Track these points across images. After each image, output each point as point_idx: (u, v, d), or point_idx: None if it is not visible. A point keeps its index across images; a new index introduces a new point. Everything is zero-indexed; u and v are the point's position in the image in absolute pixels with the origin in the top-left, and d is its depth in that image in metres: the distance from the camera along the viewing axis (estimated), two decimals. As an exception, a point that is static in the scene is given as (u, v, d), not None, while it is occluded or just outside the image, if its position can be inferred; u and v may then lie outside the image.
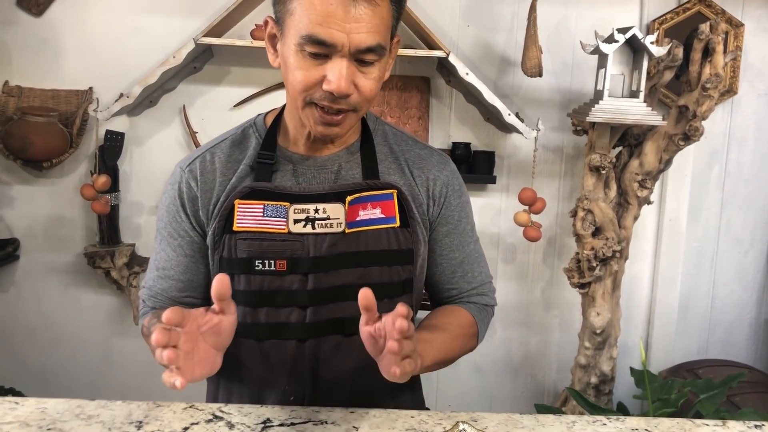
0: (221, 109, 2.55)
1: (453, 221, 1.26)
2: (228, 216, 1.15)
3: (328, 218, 1.15)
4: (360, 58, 1.06)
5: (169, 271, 1.21)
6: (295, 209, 1.14)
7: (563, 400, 2.53)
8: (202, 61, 2.51)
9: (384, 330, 0.94)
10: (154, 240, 1.25)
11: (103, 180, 2.35)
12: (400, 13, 1.13)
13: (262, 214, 1.14)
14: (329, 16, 1.01)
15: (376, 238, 1.16)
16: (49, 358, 2.63)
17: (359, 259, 1.15)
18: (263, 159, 1.18)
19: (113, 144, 2.45)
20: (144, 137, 2.55)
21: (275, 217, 1.14)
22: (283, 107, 1.23)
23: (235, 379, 1.24)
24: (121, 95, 2.37)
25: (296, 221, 1.14)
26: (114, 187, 2.44)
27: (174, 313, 0.87)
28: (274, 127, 1.22)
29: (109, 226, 2.49)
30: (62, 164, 2.47)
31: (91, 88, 2.48)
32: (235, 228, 1.14)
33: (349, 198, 1.16)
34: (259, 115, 1.27)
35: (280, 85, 2.53)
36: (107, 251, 2.46)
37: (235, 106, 2.54)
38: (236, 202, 1.15)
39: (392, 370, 0.92)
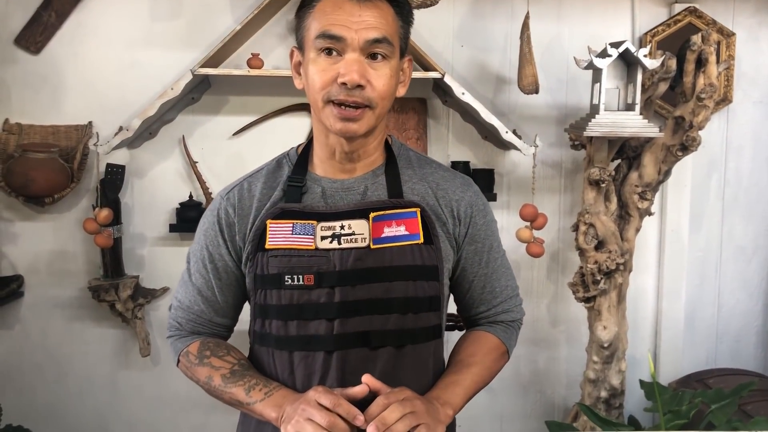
0: (220, 138, 2.56)
1: (480, 239, 1.31)
2: (261, 235, 1.21)
3: (353, 234, 1.19)
4: (370, 51, 1.15)
5: (207, 293, 1.28)
6: (321, 226, 1.20)
7: (574, 415, 2.51)
8: (199, 91, 2.53)
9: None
10: (188, 263, 1.31)
11: (105, 213, 2.36)
12: (407, 23, 1.23)
13: (291, 232, 1.20)
14: (338, 17, 1.14)
15: (401, 254, 1.20)
16: (57, 394, 2.62)
17: (384, 273, 1.19)
18: (293, 182, 1.25)
19: (114, 177, 2.46)
20: (144, 169, 2.56)
21: (303, 234, 1.20)
22: (312, 138, 1.30)
23: None
24: (121, 128, 2.38)
25: (323, 238, 1.19)
26: (116, 219, 2.45)
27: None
28: (304, 154, 1.29)
29: (112, 259, 2.49)
30: (64, 199, 2.47)
31: (90, 123, 2.50)
32: (267, 246, 1.20)
33: (372, 214, 1.21)
34: (292, 147, 1.34)
35: (277, 113, 2.55)
36: (111, 284, 2.46)
37: (234, 134, 2.56)
38: (268, 222, 1.21)
39: None
